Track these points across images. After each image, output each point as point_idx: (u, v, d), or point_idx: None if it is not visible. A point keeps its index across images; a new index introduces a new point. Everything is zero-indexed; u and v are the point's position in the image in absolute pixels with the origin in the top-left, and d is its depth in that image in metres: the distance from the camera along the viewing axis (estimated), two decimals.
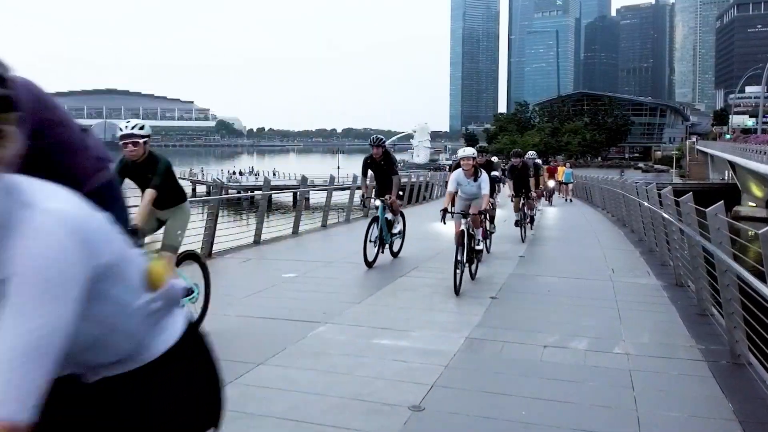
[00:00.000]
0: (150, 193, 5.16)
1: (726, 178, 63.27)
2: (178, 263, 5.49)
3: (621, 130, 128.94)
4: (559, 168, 27.60)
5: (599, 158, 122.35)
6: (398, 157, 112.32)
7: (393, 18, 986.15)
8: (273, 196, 29.45)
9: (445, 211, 8.08)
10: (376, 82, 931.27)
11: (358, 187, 11.50)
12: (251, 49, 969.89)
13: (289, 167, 77.78)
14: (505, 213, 19.89)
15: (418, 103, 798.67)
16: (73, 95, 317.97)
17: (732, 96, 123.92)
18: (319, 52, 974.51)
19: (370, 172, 10.05)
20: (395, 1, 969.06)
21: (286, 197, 47.85)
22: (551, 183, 24.78)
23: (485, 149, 14.83)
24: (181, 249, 9.45)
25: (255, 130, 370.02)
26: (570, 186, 27.67)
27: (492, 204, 10.89)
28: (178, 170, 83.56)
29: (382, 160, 9.82)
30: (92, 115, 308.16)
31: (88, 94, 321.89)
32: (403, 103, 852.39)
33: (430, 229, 14.53)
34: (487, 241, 10.59)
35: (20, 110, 1.16)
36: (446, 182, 14.88)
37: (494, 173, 13.24)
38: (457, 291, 7.34)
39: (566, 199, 26.66)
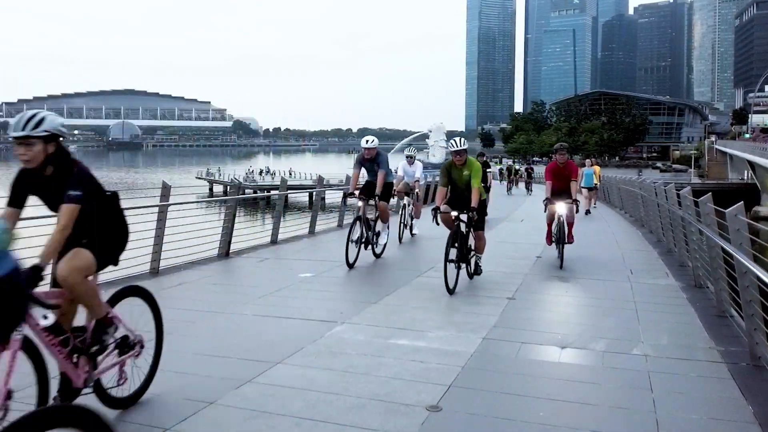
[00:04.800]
0: None
1: (745, 178, 62.61)
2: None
3: (639, 129, 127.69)
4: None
5: (617, 158, 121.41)
6: None
7: (408, 17, 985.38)
8: (289, 196, 29.55)
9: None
10: (392, 82, 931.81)
11: None
12: (266, 48, 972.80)
13: (305, 167, 77.98)
14: (522, 213, 19.87)
15: (433, 103, 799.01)
16: (91, 95, 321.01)
17: (751, 95, 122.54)
18: (334, 51, 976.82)
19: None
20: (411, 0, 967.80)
21: (303, 197, 47.98)
22: (562, 208, 9.85)
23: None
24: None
25: (271, 130, 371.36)
26: (593, 192, 21.59)
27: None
28: (196, 170, 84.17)
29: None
30: (110, 116, 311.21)
31: (107, 95, 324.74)
32: (419, 102, 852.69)
33: (445, 230, 14.53)
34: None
35: None
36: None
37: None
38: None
39: (586, 210, 20.01)
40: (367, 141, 9.90)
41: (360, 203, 9.62)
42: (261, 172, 70.68)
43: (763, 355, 4.95)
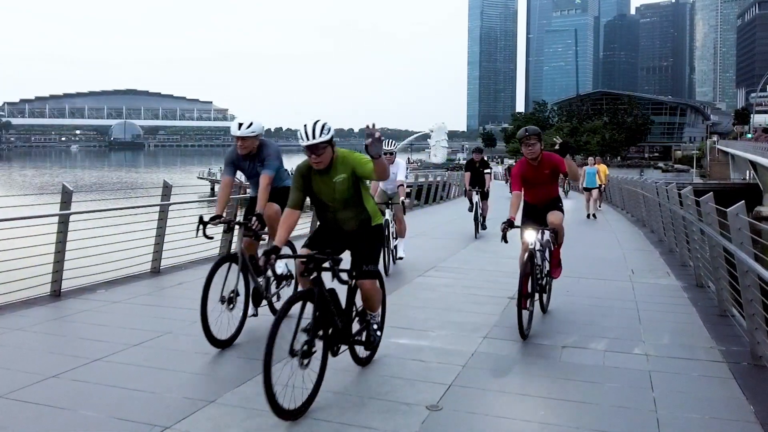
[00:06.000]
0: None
1: (747, 178, 62.50)
2: None
3: (641, 129, 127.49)
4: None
5: (619, 158, 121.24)
6: (415, 156, 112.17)
7: (409, 17, 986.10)
8: None
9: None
10: (393, 82, 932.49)
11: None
12: (267, 48, 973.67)
13: None
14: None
15: (435, 103, 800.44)
16: (93, 95, 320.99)
17: (753, 95, 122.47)
18: (335, 51, 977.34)
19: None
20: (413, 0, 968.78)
21: None
22: (531, 236, 6.04)
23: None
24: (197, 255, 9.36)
25: (273, 130, 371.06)
26: (595, 193, 19.27)
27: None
28: (197, 169, 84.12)
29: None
30: (112, 116, 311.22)
31: (108, 95, 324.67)
32: (420, 102, 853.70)
33: (446, 230, 14.53)
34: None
35: None
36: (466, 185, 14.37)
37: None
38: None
39: (588, 215, 18.68)
40: (240, 126, 5.83)
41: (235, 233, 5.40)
42: None
43: (764, 355, 4.95)
